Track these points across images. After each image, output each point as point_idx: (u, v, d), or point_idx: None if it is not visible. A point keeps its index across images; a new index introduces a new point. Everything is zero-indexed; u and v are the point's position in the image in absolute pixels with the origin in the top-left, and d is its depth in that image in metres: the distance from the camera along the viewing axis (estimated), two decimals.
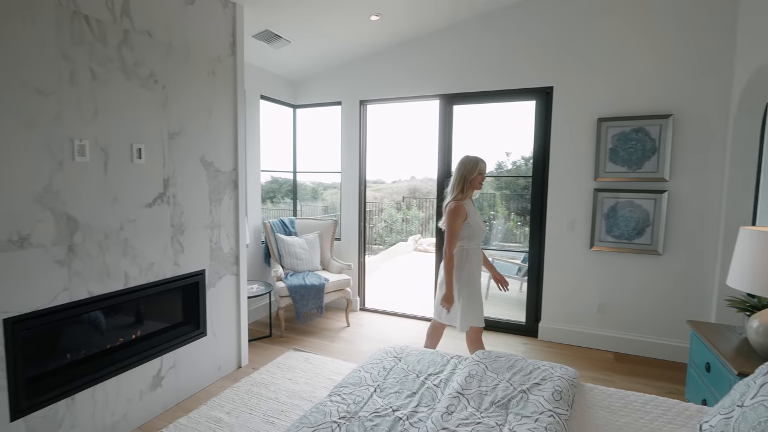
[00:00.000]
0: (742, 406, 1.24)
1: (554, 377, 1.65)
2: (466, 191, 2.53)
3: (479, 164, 2.52)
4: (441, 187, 4.01)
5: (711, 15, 2.99)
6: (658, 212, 3.21)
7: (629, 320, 3.37)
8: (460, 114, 3.93)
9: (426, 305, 4.64)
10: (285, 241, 4.00)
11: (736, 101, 2.90)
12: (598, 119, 3.33)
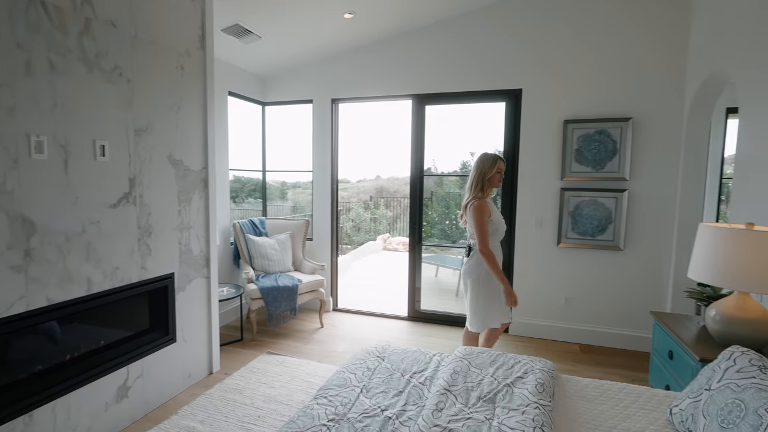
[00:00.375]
0: (710, 389, 1.33)
1: (535, 370, 1.70)
2: (485, 189, 2.50)
3: (498, 162, 2.49)
4: (414, 186, 4.04)
5: (666, 24, 3.19)
6: (619, 210, 3.39)
7: (593, 313, 3.54)
8: (432, 114, 3.97)
9: (399, 304, 4.67)
10: (255, 242, 3.89)
11: (688, 106, 3.12)
12: (564, 121, 3.47)
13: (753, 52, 2.29)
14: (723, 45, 2.64)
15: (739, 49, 2.44)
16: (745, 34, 2.37)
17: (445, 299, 5.02)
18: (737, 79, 2.48)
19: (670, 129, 3.24)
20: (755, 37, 2.27)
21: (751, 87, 2.34)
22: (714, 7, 2.79)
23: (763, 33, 2.20)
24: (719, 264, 1.83)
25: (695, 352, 1.80)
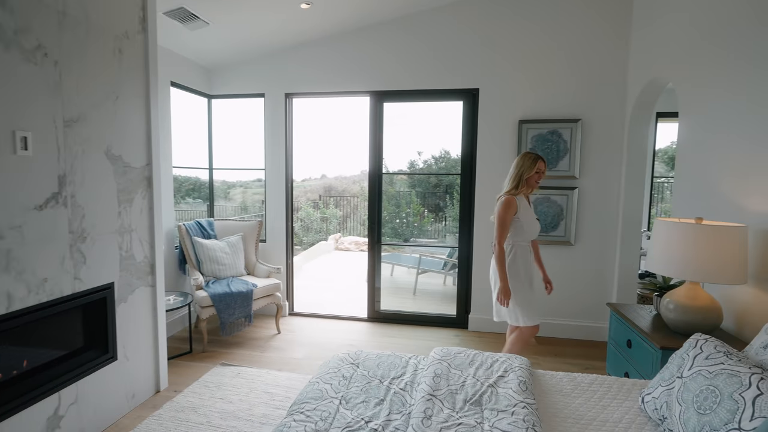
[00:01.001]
0: (682, 377, 1.40)
1: (515, 368, 1.70)
2: (520, 187, 2.50)
3: (538, 162, 2.48)
4: (373, 185, 3.97)
5: (610, 33, 3.39)
6: (570, 207, 3.56)
7: (548, 306, 3.68)
8: (387, 111, 3.92)
9: (358, 305, 4.57)
10: (204, 245, 3.60)
11: (630, 109, 3.34)
12: (519, 121, 3.57)
13: (687, 61, 2.49)
14: (662, 54, 2.85)
15: (676, 58, 2.64)
16: (681, 45, 2.57)
17: (402, 298, 5.01)
18: (676, 86, 2.68)
19: (615, 130, 3.46)
20: (690, 48, 2.46)
21: (688, 92, 2.53)
22: (651, 20, 3.00)
23: (695, 44, 2.38)
24: (672, 256, 1.95)
25: (655, 341, 1.90)
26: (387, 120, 3.90)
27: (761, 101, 1.90)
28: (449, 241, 9.31)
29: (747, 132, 2.00)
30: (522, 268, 2.53)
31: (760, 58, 1.91)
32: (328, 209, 11.18)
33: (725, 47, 2.17)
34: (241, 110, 4.37)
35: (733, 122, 2.09)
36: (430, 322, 3.97)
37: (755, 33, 1.96)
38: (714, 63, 2.26)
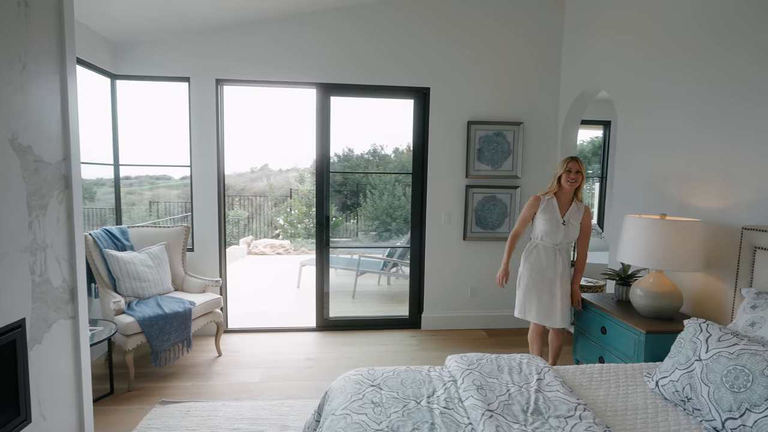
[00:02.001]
0: (701, 359, 1.54)
1: (545, 368, 1.70)
2: (551, 186, 2.58)
3: (568, 162, 2.52)
4: (321, 183, 3.70)
5: (545, 43, 3.69)
6: (514, 205, 3.79)
7: (496, 299, 3.88)
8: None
9: (301, 314, 4.24)
10: (120, 259, 2.93)
11: (564, 115, 3.68)
12: (468, 122, 3.67)
13: (622, 72, 2.82)
14: (596, 65, 3.19)
15: (611, 69, 2.97)
16: (613, 58, 2.90)
17: (342, 303, 4.79)
18: (612, 94, 3.02)
19: (550, 133, 3.78)
20: (620, 60, 2.79)
21: (623, 100, 2.88)
22: (582, 33, 3.34)
23: (622, 57, 2.71)
24: (641, 248, 2.18)
25: (638, 326, 2.09)
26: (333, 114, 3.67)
27: (688, 111, 2.22)
28: (365, 241, 9.30)
29: (678, 136, 2.32)
30: (536, 266, 2.58)
31: (694, 68, 2.23)
32: (232, 210, 10.24)
33: (658, 59, 2.50)
34: (155, 95, 3.68)
35: (665, 128, 2.42)
36: (382, 325, 3.86)
37: (689, 46, 2.28)
38: (648, 73, 2.59)
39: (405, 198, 10.17)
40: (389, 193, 10.24)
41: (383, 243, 9.24)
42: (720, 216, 2.15)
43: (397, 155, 10.37)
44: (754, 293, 1.79)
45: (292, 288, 5.34)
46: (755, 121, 1.97)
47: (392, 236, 9.84)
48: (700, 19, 2.29)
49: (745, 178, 2.02)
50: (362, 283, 5.03)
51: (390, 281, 5.42)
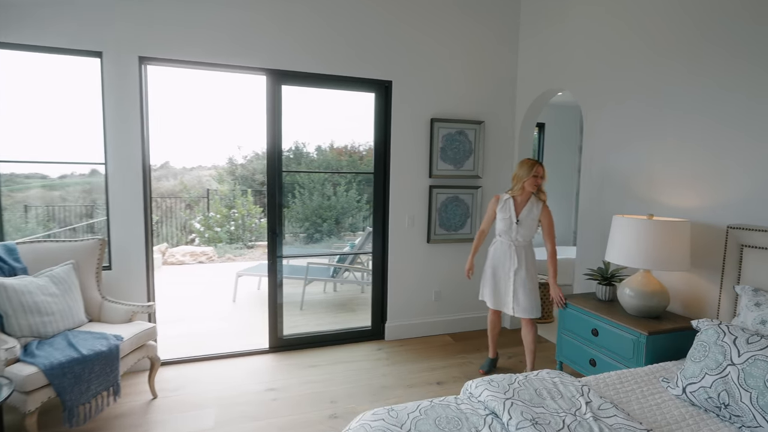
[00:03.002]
0: (734, 364, 1.52)
1: (581, 387, 1.56)
2: (514, 189, 2.71)
3: (533, 167, 2.64)
4: (273, 182, 3.23)
5: (503, 44, 3.66)
6: (476, 205, 3.71)
7: (460, 302, 3.78)
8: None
9: (233, 333, 3.69)
10: (9, 287, 2.19)
11: (521, 117, 3.69)
12: (431, 119, 3.50)
13: (583, 73, 2.88)
14: (557, 66, 3.22)
15: (574, 71, 3.02)
16: (572, 58, 2.95)
17: (290, 316, 4.31)
18: (578, 96, 3.07)
19: (508, 135, 3.78)
20: (581, 60, 2.85)
21: (588, 101, 2.94)
22: (538, 33, 3.37)
23: (582, 56, 2.77)
24: (630, 248, 2.19)
25: (638, 328, 2.09)
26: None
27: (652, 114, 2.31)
28: (295, 245, 8.79)
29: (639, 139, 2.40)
30: (490, 260, 2.85)
31: (671, 65, 2.31)
32: None
33: (627, 56, 2.57)
34: (47, 73, 2.87)
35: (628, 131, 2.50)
36: (343, 339, 3.52)
37: (663, 41, 2.36)
38: (613, 71, 2.66)
39: (335, 197, 9.82)
40: (319, 192, 9.79)
41: (335, 248, 8.81)
42: (700, 215, 2.24)
43: (320, 153, 10.01)
44: (751, 290, 1.86)
45: (227, 302, 4.70)
46: (738, 121, 2.07)
47: (323, 238, 9.42)
48: (674, 12, 2.37)
49: (725, 178, 2.12)
50: (307, 292, 4.58)
51: (336, 288, 5.06)
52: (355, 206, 9.75)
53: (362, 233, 6.93)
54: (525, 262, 2.70)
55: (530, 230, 2.70)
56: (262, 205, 11.52)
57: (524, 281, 2.69)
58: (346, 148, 10.99)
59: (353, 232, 9.91)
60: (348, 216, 9.82)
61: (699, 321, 1.82)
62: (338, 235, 9.67)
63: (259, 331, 3.75)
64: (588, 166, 3.00)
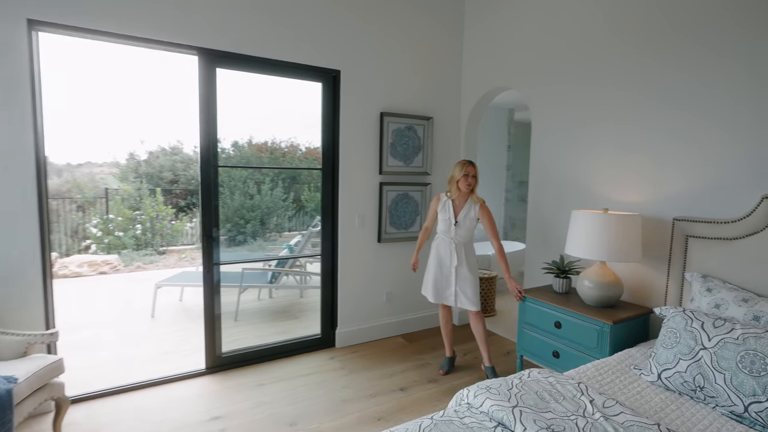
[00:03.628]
0: (706, 348, 1.62)
1: (577, 385, 1.54)
2: (451, 190, 2.76)
3: (464, 167, 2.70)
4: (206, 180, 2.82)
5: (449, 40, 3.65)
6: (425, 202, 3.65)
7: (410, 302, 3.69)
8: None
9: (159, 355, 3.20)
10: None
11: (467, 115, 3.72)
12: (381, 113, 3.35)
13: (525, 71, 2.98)
14: (503, 65, 3.29)
15: (518, 70, 3.11)
16: (516, 55, 3.04)
17: (224, 329, 3.86)
18: (525, 94, 3.16)
19: (456, 131, 3.78)
20: (526, 57, 2.95)
21: (535, 100, 3.04)
22: (477, 40, 3.42)
23: (529, 53, 2.88)
24: (587, 241, 2.28)
25: (601, 318, 2.17)
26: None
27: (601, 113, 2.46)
28: (241, 251, 8.14)
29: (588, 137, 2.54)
30: (432, 251, 2.88)
31: (603, 73, 2.46)
32: None
33: (571, 55, 2.69)
34: None
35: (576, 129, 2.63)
36: (291, 351, 3.22)
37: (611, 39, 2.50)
38: (554, 75, 2.77)
39: (260, 196, 9.23)
40: (241, 191, 9.15)
41: (268, 251, 8.22)
42: (642, 209, 2.41)
43: (238, 149, 9.36)
44: (700, 277, 2.02)
45: (145, 319, 4.06)
46: (679, 120, 2.24)
47: (247, 240, 8.80)
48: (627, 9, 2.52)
49: (666, 173, 2.30)
50: (241, 301, 4.14)
51: (272, 294, 4.68)
52: (281, 205, 9.26)
53: (299, 234, 6.56)
54: (465, 258, 2.76)
55: (469, 231, 2.76)
56: (174, 206, 10.39)
57: (466, 276, 2.75)
58: (266, 144, 10.39)
59: (279, 232, 9.42)
60: (273, 216, 9.30)
61: (662, 308, 1.93)
62: (264, 236, 9.11)
63: (191, 349, 3.28)
64: (536, 165, 3.09)
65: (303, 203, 9.39)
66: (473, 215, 2.73)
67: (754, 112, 1.96)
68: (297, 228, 9.86)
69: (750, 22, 1.96)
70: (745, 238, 1.93)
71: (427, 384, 2.80)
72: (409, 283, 3.65)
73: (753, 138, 1.96)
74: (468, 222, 2.74)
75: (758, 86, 1.94)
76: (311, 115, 3.30)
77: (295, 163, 9.54)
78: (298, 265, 4.71)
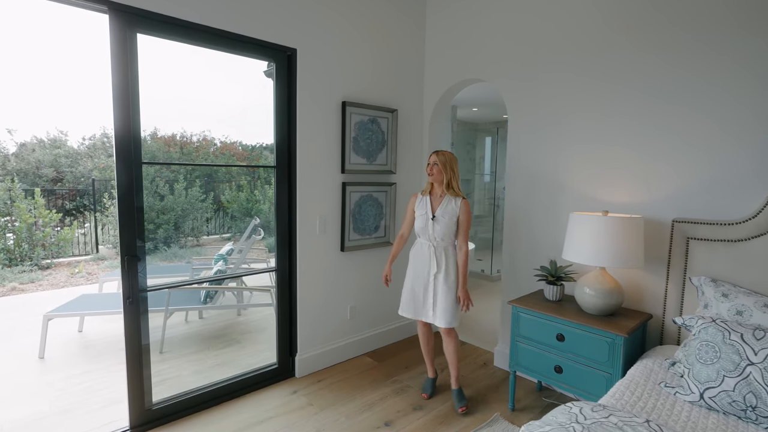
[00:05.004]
0: (753, 363, 1.50)
1: (650, 425, 1.30)
2: (425, 186, 2.55)
3: (430, 155, 2.47)
4: (128, 179, 2.13)
5: (412, 28, 3.32)
6: (389, 204, 3.29)
7: (375, 316, 3.31)
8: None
9: (56, 415, 2.42)
10: None
11: (431, 109, 3.43)
12: (343, 102, 2.91)
13: (499, 61, 2.79)
14: (474, 57, 3.06)
15: (487, 60, 2.90)
16: (486, 47, 2.84)
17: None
18: (499, 86, 2.95)
19: (419, 126, 3.47)
20: (504, 51, 2.76)
21: (506, 90, 2.85)
22: (438, 30, 3.16)
23: (496, 45, 2.70)
24: (586, 245, 2.14)
25: (613, 330, 2.01)
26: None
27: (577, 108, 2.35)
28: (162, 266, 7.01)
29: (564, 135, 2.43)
30: (410, 262, 2.58)
31: (599, 57, 2.34)
32: None
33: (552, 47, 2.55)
34: None
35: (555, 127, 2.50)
36: (243, 389, 2.64)
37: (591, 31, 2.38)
38: (530, 67, 2.61)
39: (173, 197, 8.11)
40: (148, 191, 7.98)
41: (192, 261, 7.23)
42: (637, 210, 2.32)
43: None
44: (710, 281, 1.95)
45: (29, 362, 3.10)
46: (674, 116, 2.17)
47: (159, 248, 7.68)
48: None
49: (665, 174, 2.22)
50: (156, 326, 3.35)
51: (202, 314, 3.95)
52: (198, 207, 8.23)
53: (230, 242, 5.75)
54: (446, 265, 2.41)
55: (448, 228, 2.40)
56: (60, 209, 8.64)
57: (443, 287, 2.41)
58: (174, 137, 9.17)
59: (196, 237, 8.40)
60: (189, 219, 8.25)
61: (684, 318, 1.81)
62: (179, 242, 8.01)
63: (102, 402, 2.53)
64: (514, 163, 2.91)
65: (225, 204, 8.45)
66: (454, 210, 2.39)
67: (755, 110, 1.93)
68: (218, 232, 8.86)
69: (748, 21, 1.92)
70: (752, 239, 1.90)
71: (413, 413, 2.46)
72: (374, 295, 3.27)
73: (754, 136, 1.94)
74: (447, 218, 2.39)
75: (759, 84, 1.91)
76: (230, 107, 2.75)
77: (210, 159, 8.52)
78: (237, 278, 4.04)
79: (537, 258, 2.78)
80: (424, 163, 3.50)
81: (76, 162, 10.05)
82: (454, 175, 2.43)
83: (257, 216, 7.25)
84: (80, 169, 9.94)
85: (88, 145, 10.44)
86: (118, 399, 2.53)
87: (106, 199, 8.37)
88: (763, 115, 1.91)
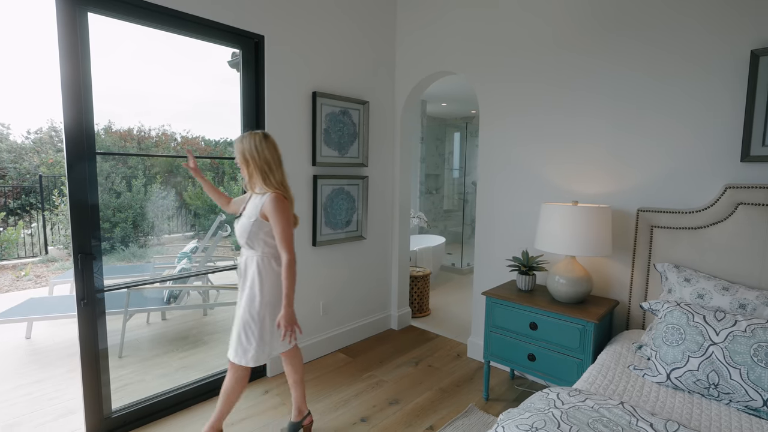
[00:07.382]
0: (716, 343, 1.57)
1: (625, 407, 1.33)
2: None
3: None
4: (80, 159, 1.97)
5: (382, 18, 3.27)
6: (362, 198, 3.25)
7: (348, 312, 3.26)
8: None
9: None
10: None
11: (402, 104, 3.40)
12: (313, 92, 2.83)
13: (467, 56, 2.81)
14: (447, 49, 3.05)
15: (459, 52, 2.91)
16: (459, 34, 2.85)
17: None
18: (472, 82, 2.97)
19: (392, 116, 3.43)
20: (475, 45, 2.78)
21: (477, 84, 2.87)
22: (408, 27, 3.15)
23: (472, 34, 2.72)
24: (557, 234, 2.18)
25: (584, 317, 2.06)
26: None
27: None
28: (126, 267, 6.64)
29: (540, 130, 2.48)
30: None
31: (559, 63, 2.40)
32: None
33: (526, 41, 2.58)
34: None
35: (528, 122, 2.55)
36: (211, 391, 2.53)
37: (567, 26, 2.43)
38: (502, 65, 2.65)
39: (131, 194, 7.74)
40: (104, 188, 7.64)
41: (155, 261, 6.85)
42: (605, 200, 2.40)
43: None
44: (673, 267, 2.04)
45: None
46: (628, 113, 2.25)
47: (116, 247, 7.29)
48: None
49: (630, 165, 2.30)
50: (115, 329, 3.15)
51: (165, 315, 3.76)
52: (159, 204, 7.88)
53: (194, 240, 5.51)
54: (250, 281, 1.87)
55: (247, 231, 1.85)
56: (2, 208, 8.01)
57: (242, 308, 1.88)
58: (131, 131, 8.74)
59: (158, 236, 8.03)
60: (149, 217, 7.88)
61: (651, 302, 1.88)
62: (138, 241, 7.63)
63: (55, 413, 2.34)
64: (485, 156, 2.93)
65: (187, 201, 8.12)
66: (255, 208, 1.85)
67: (707, 103, 2.02)
68: (180, 230, 8.50)
69: (685, 12, 2.01)
70: (710, 227, 2.00)
71: (389, 407, 2.43)
72: (346, 290, 3.22)
73: (708, 127, 2.03)
74: (246, 218, 1.86)
75: (710, 76, 2.00)
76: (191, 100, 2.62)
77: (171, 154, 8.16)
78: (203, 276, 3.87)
79: (509, 250, 2.82)
80: (396, 156, 3.48)
81: (20, 157, 9.35)
82: (266, 167, 1.84)
83: (222, 213, 7.00)
84: (25, 164, 9.26)
85: (34, 139, 9.74)
86: (72, 409, 2.36)
87: (55, 196, 7.84)
88: (715, 107, 2.01)
